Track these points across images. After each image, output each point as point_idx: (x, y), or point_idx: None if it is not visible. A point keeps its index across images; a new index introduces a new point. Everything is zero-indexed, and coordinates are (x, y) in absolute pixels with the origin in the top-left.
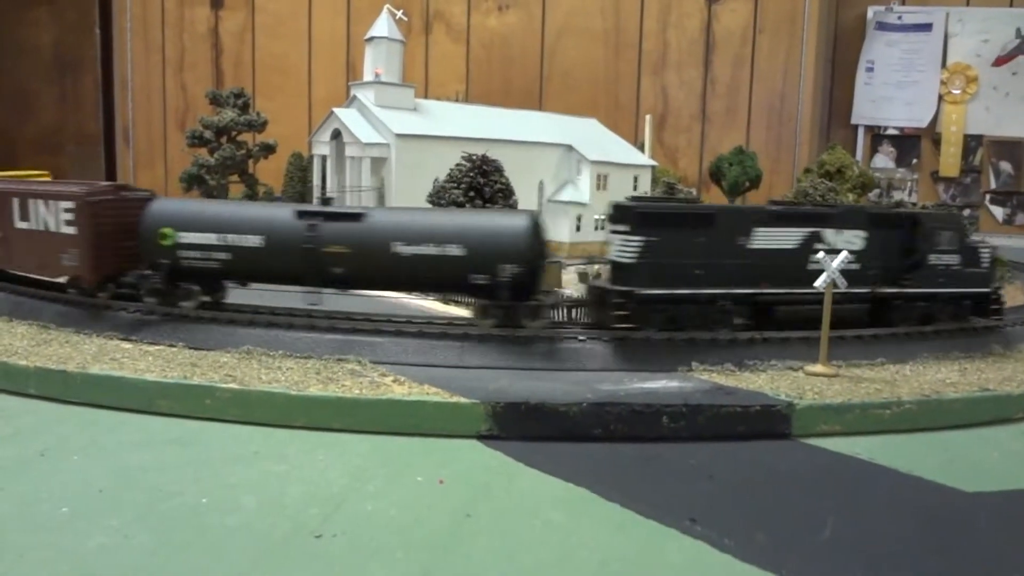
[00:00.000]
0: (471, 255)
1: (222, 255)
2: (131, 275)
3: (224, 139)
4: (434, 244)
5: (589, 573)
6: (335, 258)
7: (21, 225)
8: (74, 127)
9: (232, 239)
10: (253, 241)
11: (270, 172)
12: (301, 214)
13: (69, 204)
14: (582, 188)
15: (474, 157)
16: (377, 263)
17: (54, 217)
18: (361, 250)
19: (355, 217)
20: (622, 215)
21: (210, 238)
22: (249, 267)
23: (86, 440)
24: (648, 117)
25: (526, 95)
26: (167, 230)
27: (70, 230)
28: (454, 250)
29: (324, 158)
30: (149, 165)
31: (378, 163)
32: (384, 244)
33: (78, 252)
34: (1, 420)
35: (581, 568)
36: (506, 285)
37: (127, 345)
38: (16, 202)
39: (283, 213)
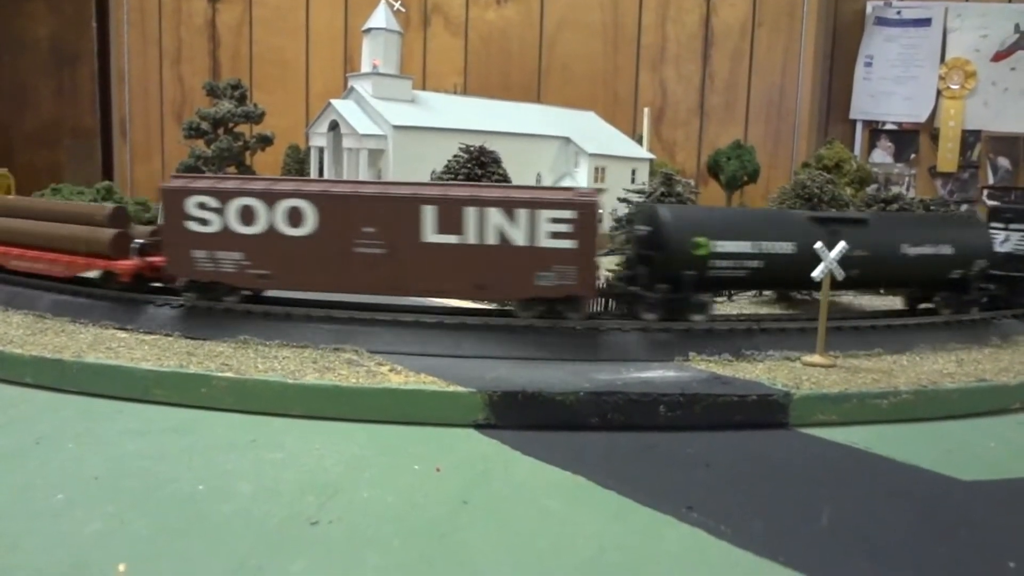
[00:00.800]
0: (957, 253)
1: (754, 263)
2: (633, 288)
3: (221, 130)
4: (931, 244)
5: (586, 560)
6: (853, 261)
7: (440, 239)
8: (71, 121)
9: (766, 247)
10: (787, 248)
11: (267, 164)
12: (818, 220)
13: (567, 213)
14: (580, 180)
15: (472, 148)
16: (889, 264)
17: (526, 228)
18: (876, 252)
19: (863, 222)
20: (1020, 216)
21: (744, 246)
22: (777, 274)
23: (82, 428)
24: (646, 110)
25: (524, 89)
26: (702, 239)
27: (562, 243)
28: (946, 249)
29: (321, 150)
30: (146, 158)
31: (375, 155)
32: (895, 246)
33: (576, 269)
34: None
35: (578, 555)
36: (974, 278)
37: (123, 334)
38: (432, 211)
39: (799, 219)
